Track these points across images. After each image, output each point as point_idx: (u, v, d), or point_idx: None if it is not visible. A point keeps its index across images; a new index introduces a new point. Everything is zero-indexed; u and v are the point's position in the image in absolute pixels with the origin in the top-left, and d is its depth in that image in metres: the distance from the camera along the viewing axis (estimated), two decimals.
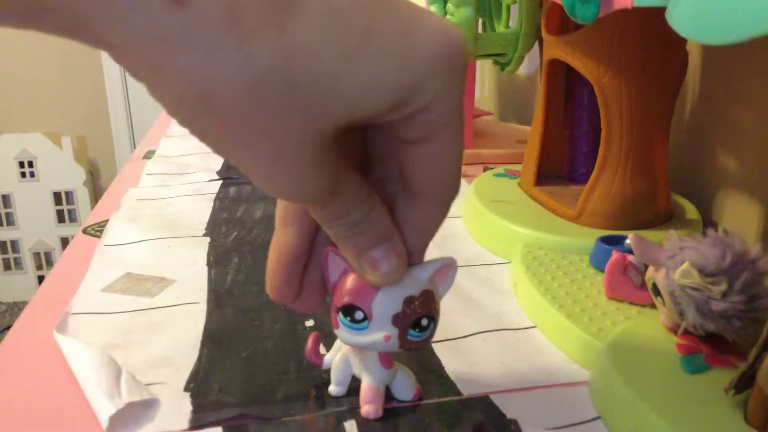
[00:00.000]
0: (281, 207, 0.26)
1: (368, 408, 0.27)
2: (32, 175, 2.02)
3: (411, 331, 0.25)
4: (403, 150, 0.22)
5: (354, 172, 0.22)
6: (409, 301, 0.25)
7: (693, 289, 0.28)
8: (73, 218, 2.08)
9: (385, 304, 0.25)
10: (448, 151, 0.22)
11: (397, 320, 0.25)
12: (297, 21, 0.17)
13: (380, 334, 0.25)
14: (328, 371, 0.30)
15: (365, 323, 0.25)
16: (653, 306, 0.33)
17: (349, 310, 0.25)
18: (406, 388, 0.29)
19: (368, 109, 0.19)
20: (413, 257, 0.25)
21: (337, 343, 0.30)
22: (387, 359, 0.28)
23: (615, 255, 0.35)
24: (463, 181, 0.69)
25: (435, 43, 0.19)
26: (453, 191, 0.23)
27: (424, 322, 0.25)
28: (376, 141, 0.24)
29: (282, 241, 0.25)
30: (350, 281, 0.25)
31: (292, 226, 0.25)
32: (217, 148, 0.19)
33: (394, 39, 0.18)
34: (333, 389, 0.29)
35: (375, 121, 0.20)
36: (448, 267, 0.26)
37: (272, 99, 0.17)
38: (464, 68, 0.20)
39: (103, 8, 0.15)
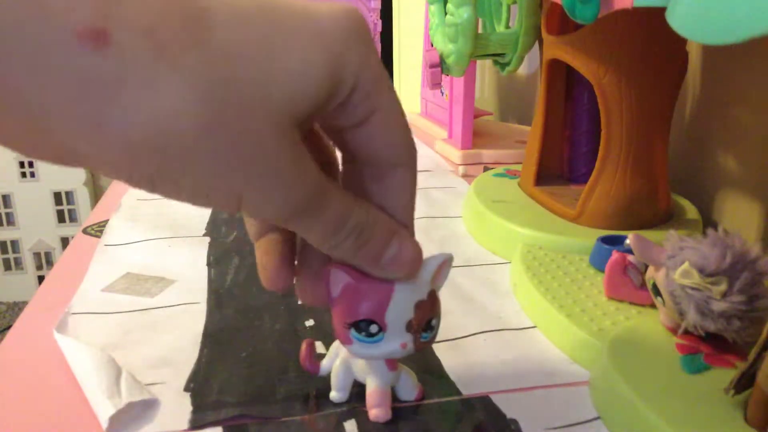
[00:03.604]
0: (251, 224, 0.26)
1: (377, 411, 0.27)
2: (32, 175, 2.02)
3: (423, 334, 0.25)
4: (352, 137, 0.22)
5: (334, 180, 0.22)
6: (420, 306, 0.25)
7: (693, 289, 0.28)
8: (73, 218, 2.08)
9: (399, 313, 0.24)
10: (393, 114, 0.22)
11: (410, 327, 0.25)
12: (212, 32, 0.17)
13: (396, 342, 0.25)
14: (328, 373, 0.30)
15: (380, 335, 0.25)
16: (653, 306, 0.33)
17: (363, 325, 0.25)
18: (409, 388, 0.29)
19: (309, 93, 0.19)
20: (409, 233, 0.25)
21: (334, 348, 0.29)
22: (393, 361, 0.27)
23: (615, 255, 0.35)
24: (463, 181, 0.69)
25: (338, 22, 0.20)
26: (413, 149, 0.24)
27: (434, 322, 0.26)
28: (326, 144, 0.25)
29: (264, 245, 0.26)
30: (358, 296, 0.25)
31: (269, 232, 0.25)
32: (196, 190, 0.18)
33: (301, 25, 0.19)
34: (335, 395, 0.29)
35: (320, 113, 0.21)
36: (446, 262, 0.26)
37: (224, 110, 0.17)
38: (369, 34, 0.21)
39: (31, 65, 0.15)
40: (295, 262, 0.26)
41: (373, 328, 0.25)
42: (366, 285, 0.24)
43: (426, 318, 0.25)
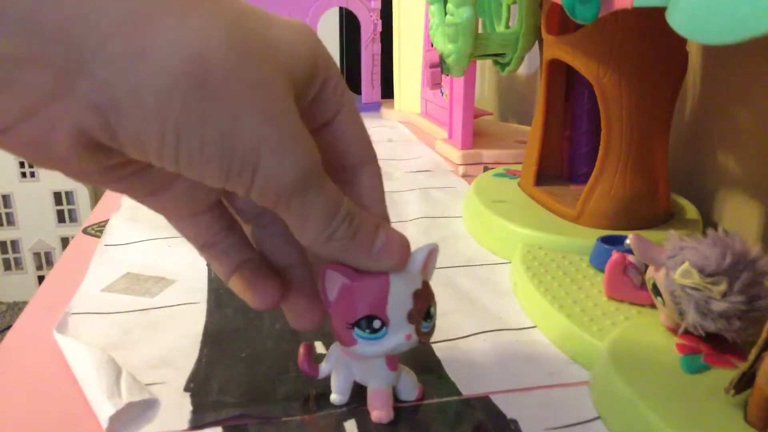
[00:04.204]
0: (219, 265, 0.26)
1: (379, 413, 0.27)
2: (32, 175, 2.02)
3: (423, 323, 0.26)
4: (324, 138, 0.23)
5: None
6: (417, 295, 0.25)
7: (693, 289, 0.28)
8: (73, 218, 2.08)
9: (399, 304, 0.25)
10: (355, 113, 0.24)
11: (411, 317, 0.25)
12: None
13: (401, 334, 0.25)
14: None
15: (383, 330, 0.25)
16: (653, 306, 0.33)
17: (365, 322, 0.25)
18: (410, 388, 0.29)
19: (301, 65, 0.21)
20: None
21: (332, 350, 0.29)
22: (393, 362, 0.27)
23: (615, 255, 0.35)
24: (463, 181, 0.69)
25: (302, 25, 0.22)
26: (373, 147, 0.25)
27: (432, 310, 0.26)
28: None
29: (240, 278, 0.26)
30: (356, 294, 0.25)
31: (240, 266, 0.26)
32: (219, 147, 0.18)
33: (282, 22, 0.21)
34: (335, 398, 0.29)
35: (301, 103, 0.22)
36: (433, 252, 0.27)
37: (247, 47, 0.19)
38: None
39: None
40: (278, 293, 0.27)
41: (376, 324, 0.25)
42: (362, 282, 0.25)
43: (425, 306, 0.25)
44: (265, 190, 0.20)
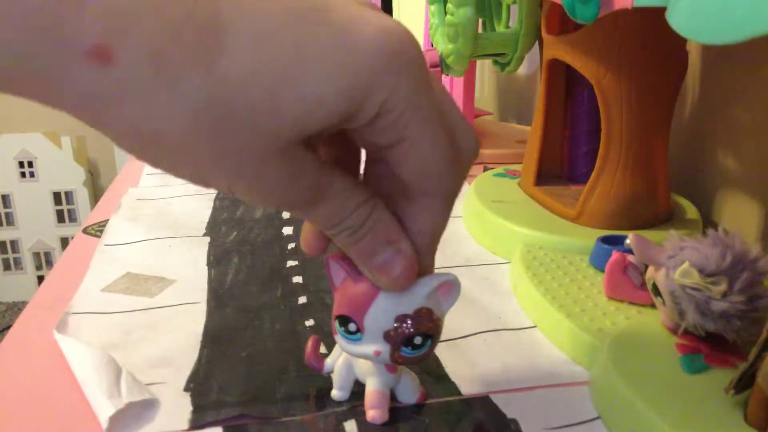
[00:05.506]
0: None
1: (374, 413, 0.27)
2: (32, 175, 2.02)
3: (404, 348, 0.25)
4: (383, 152, 0.22)
5: (347, 176, 0.22)
6: (401, 319, 0.24)
7: (693, 289, 0.28)
8: (73, 218, 2.08)
9: (377, 320, 0.25)
10: (425, 146, 0.21)
11: (388, 337, 0.25)
12: (226, 55, 0.18)
13: (371, 348, 0.25)
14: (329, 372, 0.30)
15: (358, 335, 0.25)
16: (653, 306, 0.33)
17: (343, 321, 0.25)
18: (410, 391, 0.29)
19: (318, 121, 0.19)
20: (422, 257, 0.24)
21: (338, 347, 0.29)
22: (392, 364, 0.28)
23: (615, 255, 0.35)
24: None
25: (373, 44, 0.19)
26: (447, 184, 0.23)
27: (418, 340, 0.25)
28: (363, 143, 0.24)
29: None
30: (347, 292, 0.25)
31: None
32: (192, 179, 0.20)
33: (328, 49, 0.18)
34: (336, 394, 0.29)
35: (335, 129, 0.20)
36: (450, 284, 0.25)
37: (217, 128, 0.18)
38: (414, 62, 0.20)
39: (44, 79, 0.17)
40: None
41: (352, 327, 0.25)
42: (355, 283, 0.25)
43: (406, 334, 0.25)
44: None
